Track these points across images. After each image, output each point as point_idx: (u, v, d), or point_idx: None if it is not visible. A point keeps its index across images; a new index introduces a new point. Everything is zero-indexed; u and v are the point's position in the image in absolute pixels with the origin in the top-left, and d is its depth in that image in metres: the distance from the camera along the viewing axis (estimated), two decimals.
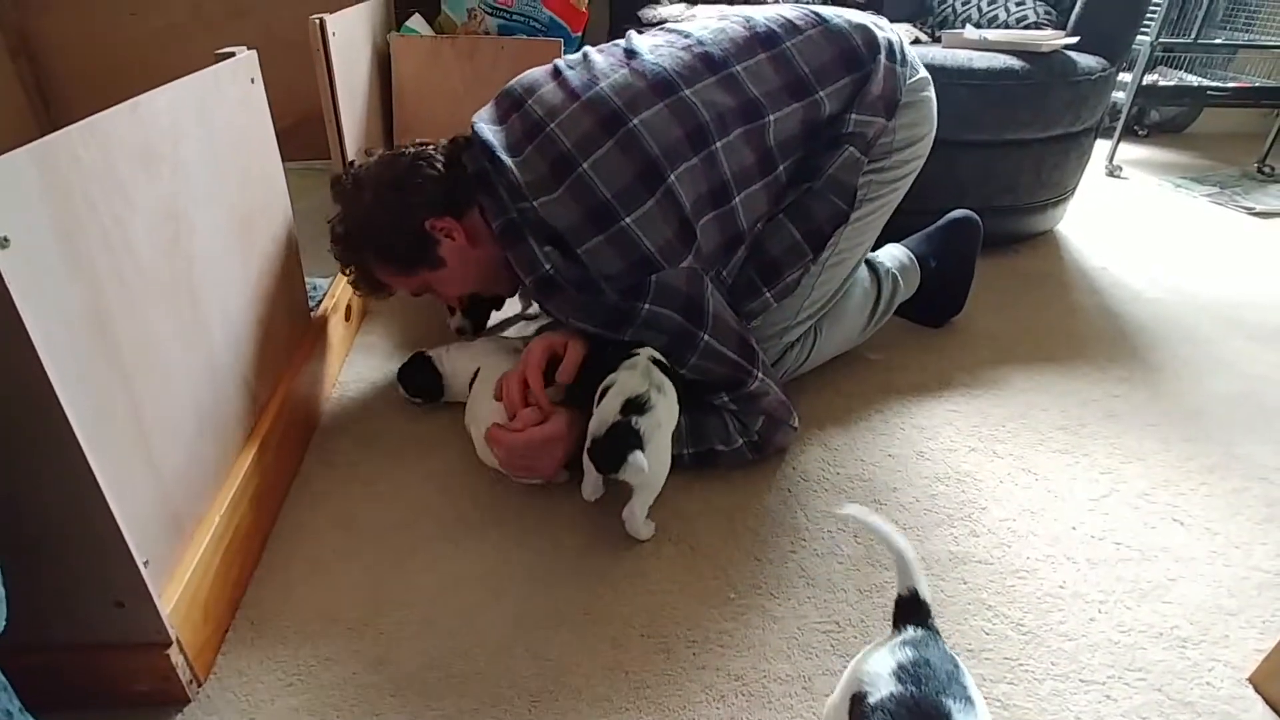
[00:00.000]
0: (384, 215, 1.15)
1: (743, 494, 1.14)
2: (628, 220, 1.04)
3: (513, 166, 1.09)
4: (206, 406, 0.91)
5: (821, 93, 1.19)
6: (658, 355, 1.07)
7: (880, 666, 0.64)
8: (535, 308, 1.60)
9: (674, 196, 1.07)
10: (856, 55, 1.21)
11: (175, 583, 0.80)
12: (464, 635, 0.91)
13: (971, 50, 1.77)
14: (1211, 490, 1.18)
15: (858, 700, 0.64)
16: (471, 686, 0.85)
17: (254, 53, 1.04)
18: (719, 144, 1.12)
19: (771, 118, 1.16)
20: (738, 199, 1.15)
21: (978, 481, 1.18)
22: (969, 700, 0.60)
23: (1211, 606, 0.98)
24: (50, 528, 0.69)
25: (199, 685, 0.83)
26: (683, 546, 1.04)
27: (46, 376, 0.61)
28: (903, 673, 0.62)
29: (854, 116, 1.20)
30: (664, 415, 1.00)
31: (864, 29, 1.23)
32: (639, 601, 0.96)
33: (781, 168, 1.19)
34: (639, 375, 1.02)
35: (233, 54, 0.99)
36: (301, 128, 1.62)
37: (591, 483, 1.02)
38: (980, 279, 1.59)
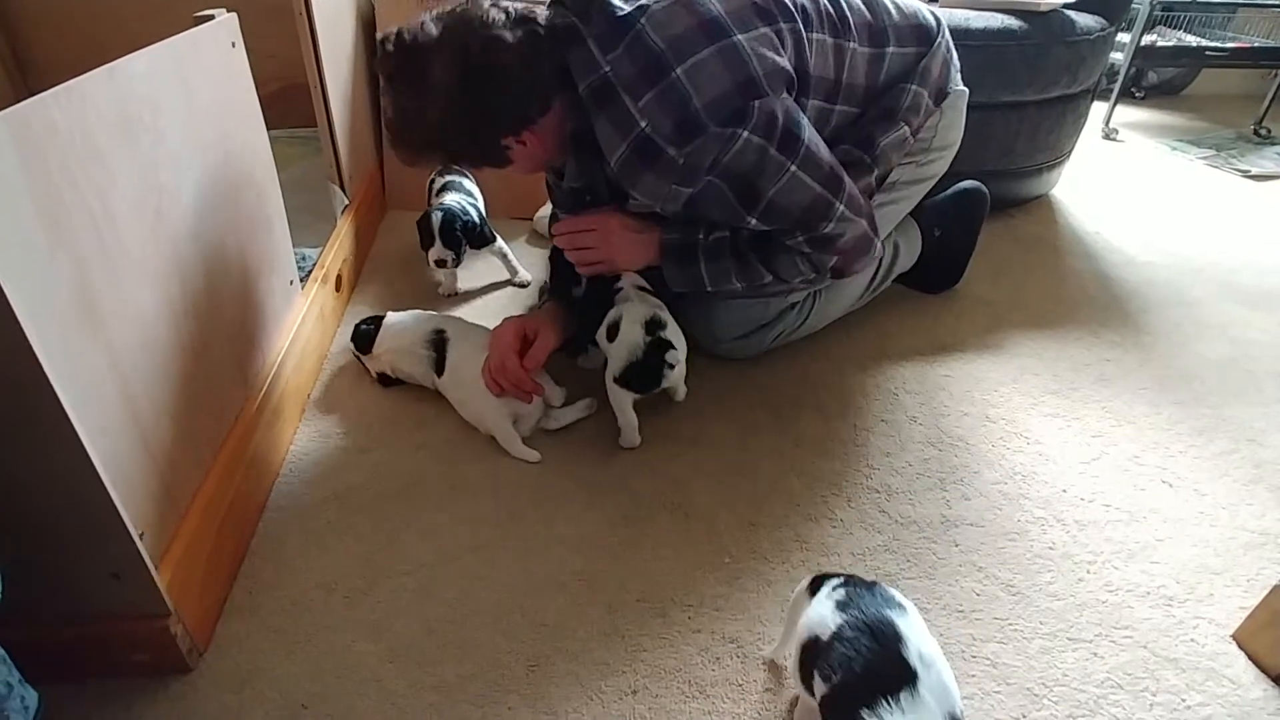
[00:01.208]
0: (456, 126, 1.02)
1: (737, 460, 1.14)
2: (739, 37, 1.01)
3: None
4: (197, 380, 0.90)
5: (890, 49, 1.19)
6: (639, 281, 1.18)
7: (822, 611, 0.71)
8: (522, 274, 1.59)
9: (780, 38, 1.06)
10: (928, 31, 1.24)
11: (172, 554, 0.80)
12: (461, 603, 0.92)
13: (969, 9, 1.74)
14: (1200, 453, 1.19)
15: (810, 645, 0.70)
16: (469, 652, 0.86)
17: (234, 15, 1.01)
18: (813, 35, 1.11)
19: (852, 46, 1.16)
20: (809, 100, 1.14)
21: (970, 445, 1.19)
22: (901, 606, 0.70)
23: (1197, 566, 1.00)
24: (44, 503, 0.69)
25: (199, 654, 0.84)
26: (678, 513, 1.05)
27: (34, 353, 0.60)
28: (842, 606, 0.70)
29: (913, 88, 1.21)
30: (673, 325, 1.14)
31: (934, 13, 1.27)
32: (634, 567, 0.97)
33: (838, 108, 1.18)
34: (639, 302, 1.15)
35: (211, 17, 0.97)
36: (286, 94, 1.59)
37: (632, 425, 1.14)
38: (976, 245, 1.59)
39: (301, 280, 1.30)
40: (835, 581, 0.74)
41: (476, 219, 1.52)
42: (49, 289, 0.64)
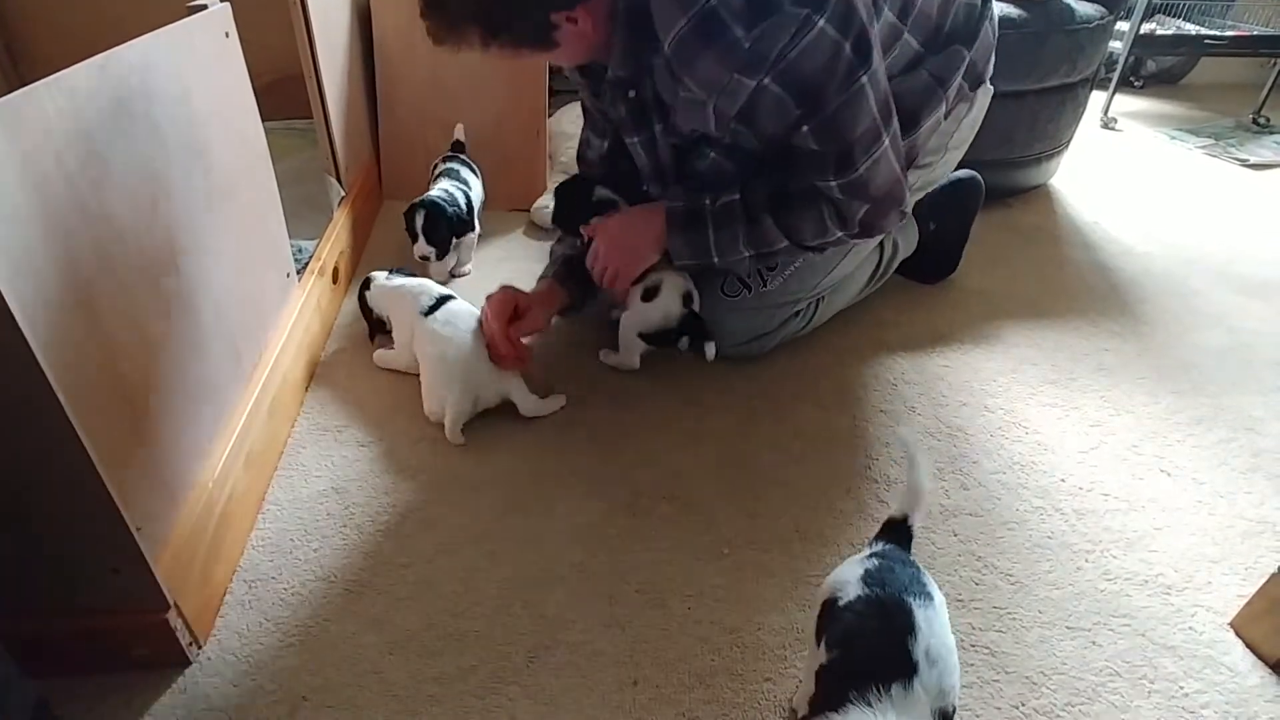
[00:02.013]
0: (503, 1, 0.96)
1: (737, 451, 1.14)
2: None
3: None
4: (194, 374, 0.90)
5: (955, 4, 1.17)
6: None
7: (849, 574, 0.70)
8: (464, 269, 1.57)
9: None
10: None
11: (171, 548, 0.80)
12: (461, 594, 0.92)
13: None
14: (1199, 441, 1.19)
15: (829, 605, 0.70)
16: (470, 644, 0.86)
17: (227, 5, 1.00)
18: None
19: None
20: (884, 9, 1.10)
21: (968, 435, 1.19)
22: (929, 595, 0.67)
23: (1195, 554, 1.00)
24: (41, 498, 0.68)
25: (199, 648, 0.84)
26: (677, 504, 1.05)
27: (30, 347, 0.60)
28: (869, 577, 0.68)
29: (967, 55, 1.17)
30: (698, 298, 1.25)
31: None
32: (634, 558, 0.97)
33: (906, 35, 1.15)
34: (678, 274, 1.23)
35: (205, 7, 0.96)
36: (281, 85, 1.58)
37: (635, 359, 1.26)
38: (973, 235, 1.58)
39: (298, 272, 1.29)
40: (875, 549, 0.73)
41: (464, 207, 1.51)
42: (44, 282, 0.63)
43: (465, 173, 1.64)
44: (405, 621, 0.88)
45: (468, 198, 1.55)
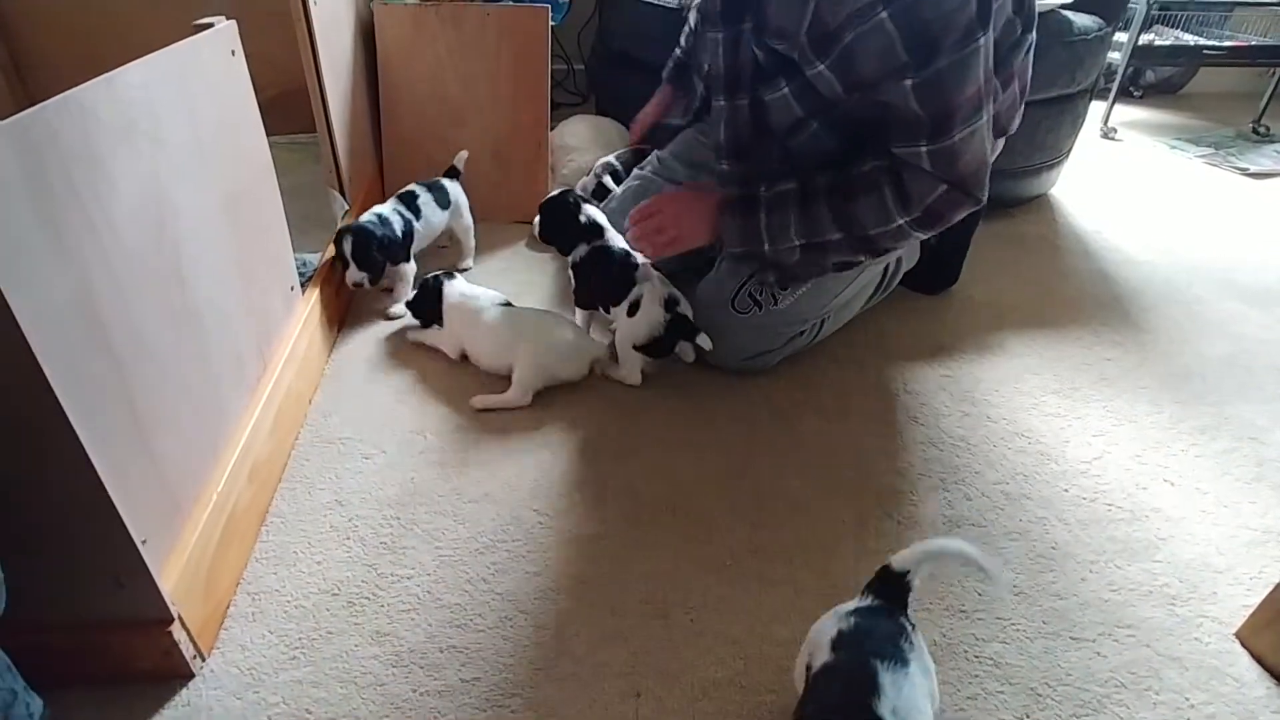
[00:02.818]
0: None
1: (739, 462, 1.14)
2: None
3: None
4: (199, 387, 0.90)
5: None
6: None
7: (823, 636, 0.69)
8: (396, 309, 1.45)
9: None
10: (1027, 5, 1.13)
11: (175, 561, 0.80)
12: (464, 607, 0.92)
13: None
14: (1202, 451, 1.19)
15: (809, 668, 0.69)
16: (473, 657, 0.86)
17: (233, 23, 1.02)
18: None
19: None
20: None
21: (971, 446, 1.19)
22: (902, 660, 0.64)
23: (1200, 564, 1.00)
24: (47, 510, 0.69)
25: (202, 660, 0.84)
26: (679, 515, 1.05)
27: (38, 364, 0.60)
28: (839, 640, 0.67)
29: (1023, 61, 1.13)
30: (685, 301, 1.27)
31: None
32: (636, 569, 0.97)
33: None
34: (658, 283, 1.26)
35: (211, 25, 0.97)
36: (285, 100, 1.59)
37: (637, 372, 1.29)
38: (975, 245, 1.59)
39: (302, 285, 1.30)
40: (863, 603, 0.71)
41: (397, 231, 1.42)
42: (51, 297, 0.64)
43: (425, 198, 1.54)
44: (408, 634, 0.88)
45: (408, 224, 1.47)
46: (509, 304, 1.34)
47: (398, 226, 1.45)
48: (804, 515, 1.05)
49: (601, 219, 1.35)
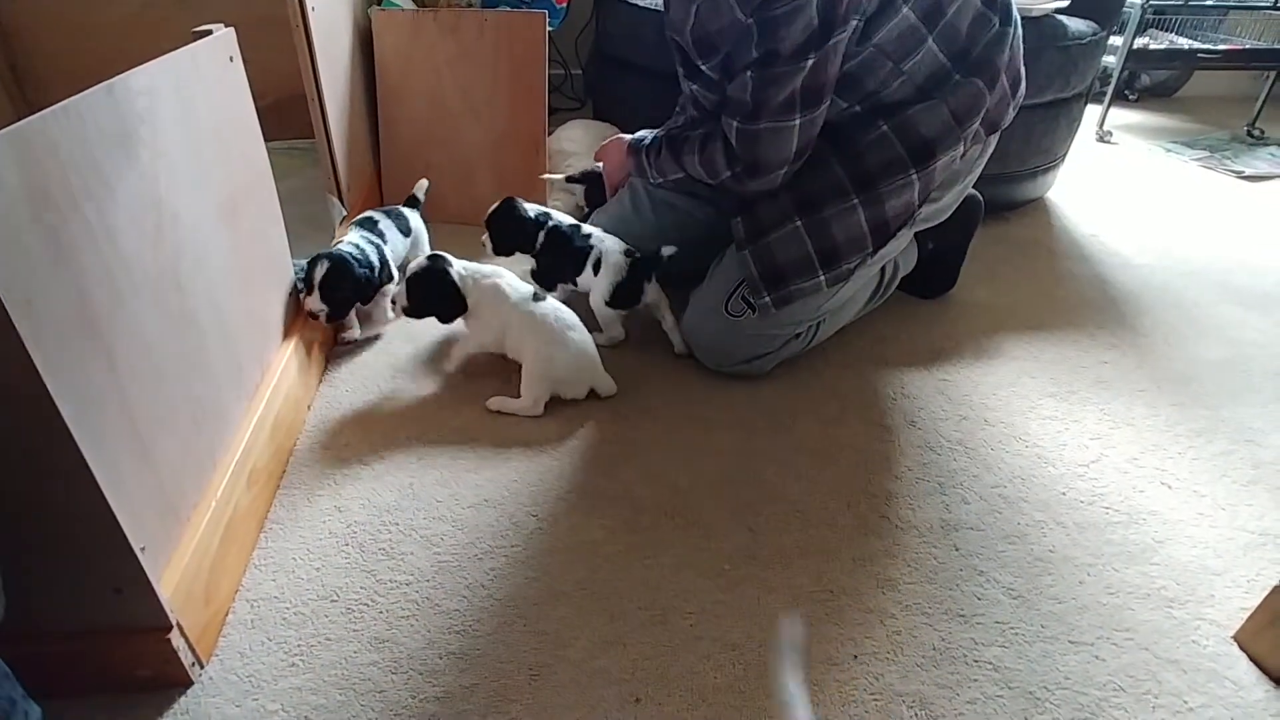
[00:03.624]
0: None
1: (737, 467, 1.14)
2: None
3: None
4: (198, 394, 0.90)
5: (996, 22, 1.17)
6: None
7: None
8: (352, 333, 1.39)
9: None
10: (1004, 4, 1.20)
11: (174, 568, 0.80)
12: (462, 613, 0.92)
13: None
14: (1199, 454, 1.20)
15: None
16: (471, 662, 0.86)
17: (231, 30, 1.02)
18: None
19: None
20: (905, 6, 1.12)
21: (969, 449, 1.19)
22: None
23: (1198, 567, 1.00)
24: (46, 518, 0.69)
25: (201, 668, 0.84)
26: (678, 520, 1.05)
27: (35, 367, 0.60)
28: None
29: (988, 95, 1.18)
30: (642, 255, 1.36)
31: None
32: (635, 575, 0.97)
33: (930, 42, 1.15)
34: (612, 240, 1.38)
35: (210, 32, 0.97)
36: (283, 106, 1.60)
37: (616, 331, 1.39)
38: (972, 249, 1.59)
39: (301, 291, 1.30)
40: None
41: (374, 270, 1.33)
42: (49, 304, 0.64)
43: (385, 223, 1.47)
44: (407, 640, 0.88)
45: (381, 254, 1.38)
46: (537, 295, 1.28)
47: (375, 261, 1.35)
48: (802, 520, 1.06)
49: (548, 209, 1.45)
